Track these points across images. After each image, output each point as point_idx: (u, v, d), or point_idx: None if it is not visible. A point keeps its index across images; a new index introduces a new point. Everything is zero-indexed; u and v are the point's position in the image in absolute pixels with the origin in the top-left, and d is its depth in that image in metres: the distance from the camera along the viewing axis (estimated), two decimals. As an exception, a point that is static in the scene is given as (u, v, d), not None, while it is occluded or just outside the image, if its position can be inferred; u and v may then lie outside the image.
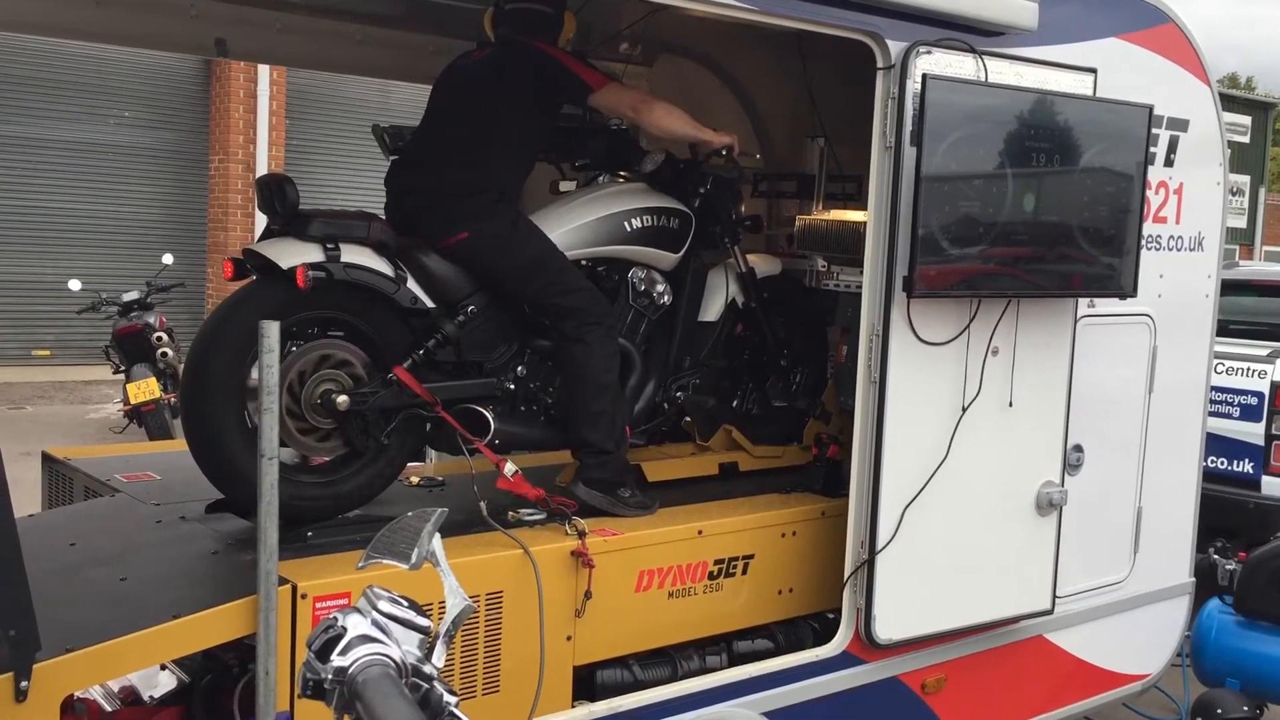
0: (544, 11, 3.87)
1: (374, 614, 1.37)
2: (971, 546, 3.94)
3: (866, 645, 3.77)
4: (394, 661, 1.33)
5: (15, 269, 12.76)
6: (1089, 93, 3.90)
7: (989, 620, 4.05)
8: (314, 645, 1.35)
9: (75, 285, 10.43)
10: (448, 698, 1.36)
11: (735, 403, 4.59)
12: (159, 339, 9.79)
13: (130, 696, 3.31)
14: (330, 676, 1.32)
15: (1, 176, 12.56)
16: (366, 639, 1.34)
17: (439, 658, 1.40)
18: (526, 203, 3.98)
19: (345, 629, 1.36)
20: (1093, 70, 3.91)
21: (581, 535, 3.40)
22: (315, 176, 13.70)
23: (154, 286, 10.37)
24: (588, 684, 3.47)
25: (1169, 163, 4.47)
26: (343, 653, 1.33)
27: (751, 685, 3.62)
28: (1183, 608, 4.92)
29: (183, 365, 3.53)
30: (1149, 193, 4.20)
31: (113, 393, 11.35)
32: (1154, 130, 4.14)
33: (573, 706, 3.37)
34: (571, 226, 3.89)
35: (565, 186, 4.40)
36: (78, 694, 3.01)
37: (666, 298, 4.11)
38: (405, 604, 1.40)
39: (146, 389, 9.38)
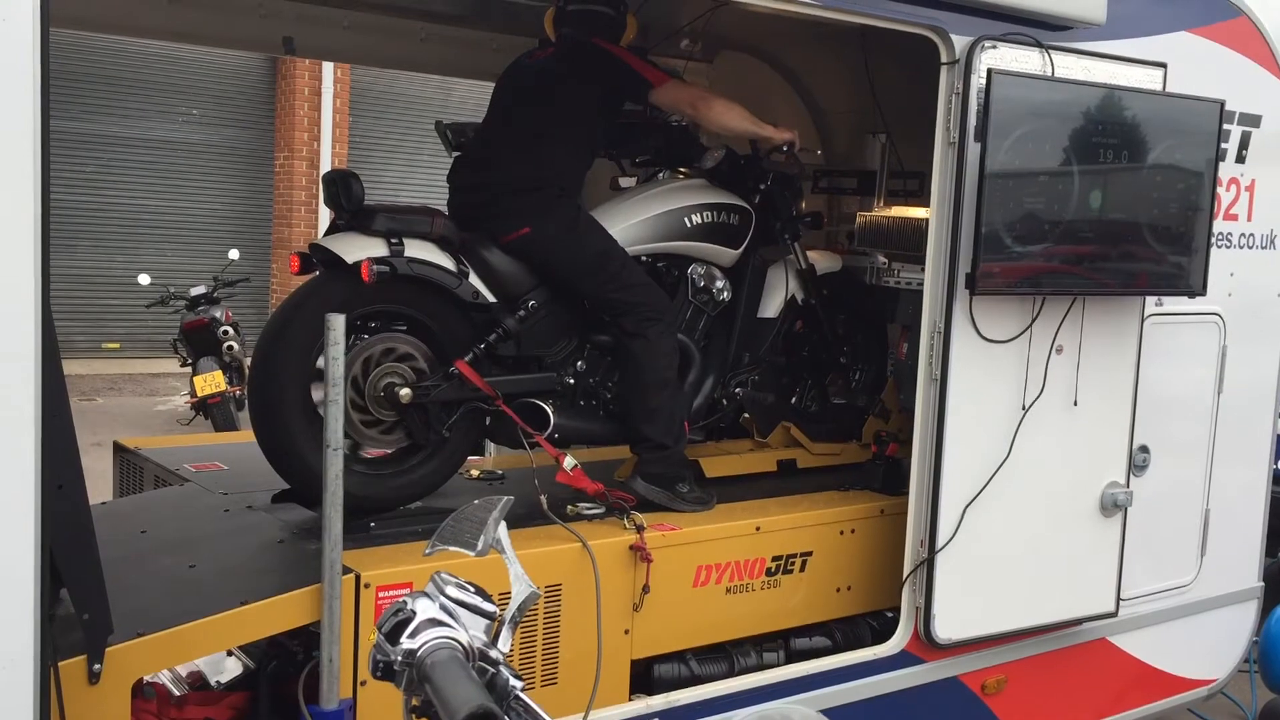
0: (605, 12, 3.89)
1: (442, 599, 1.40)
2: (1034, 547, 3.89)
3: (926, 644, 3.74)
4: (461, 645, 1.35)
5: (86, 264, 13.04)
6: (1158, 88, 3.83)
7: (1051, 622, 4.00)
8: (384, 628, 1.38)
9: (144, 280, 10.64)
10: (514, 682, 1.38)
11: (794, 399, 4.58)
12: (225, 333, 9.95)
13: (198, 681, 3.37)
14: (399, 658, 1.35)
15: (73, 173, 12.83)
16: (435, 623, 1.37)
17: (505, 643, 1.42)
18: (587, 199, 4.01)
19: (414, 612, 1.38)
20: (1162, 65, 3.84)
21: (640, 530, 3.41)
22: (378, 173, 13.85)
23: (220, 281, 10.54)
24: (645, 678, 3.48)
25: (1240, 159, 4.38)
26: (412, 635, 1.36)
27: (809, 682, 3.61)
28: (1251, 612, 4.83)
29: (249, 358, 3.60)
30: (1219, 189, 4.13)
31: (180, 385, 11.56)
32: (1225, 126, 4.06)
33: (630, 699, 3.39)
34: (632, 222, 3.90)
35: (626, 183, 4.41)
36: (147, 678, 3.08)
37: (726, 294, 4.11)
38: (472, 590, 1.42)
39: (213, 382, 9.55)
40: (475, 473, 4.05)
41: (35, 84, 2.15)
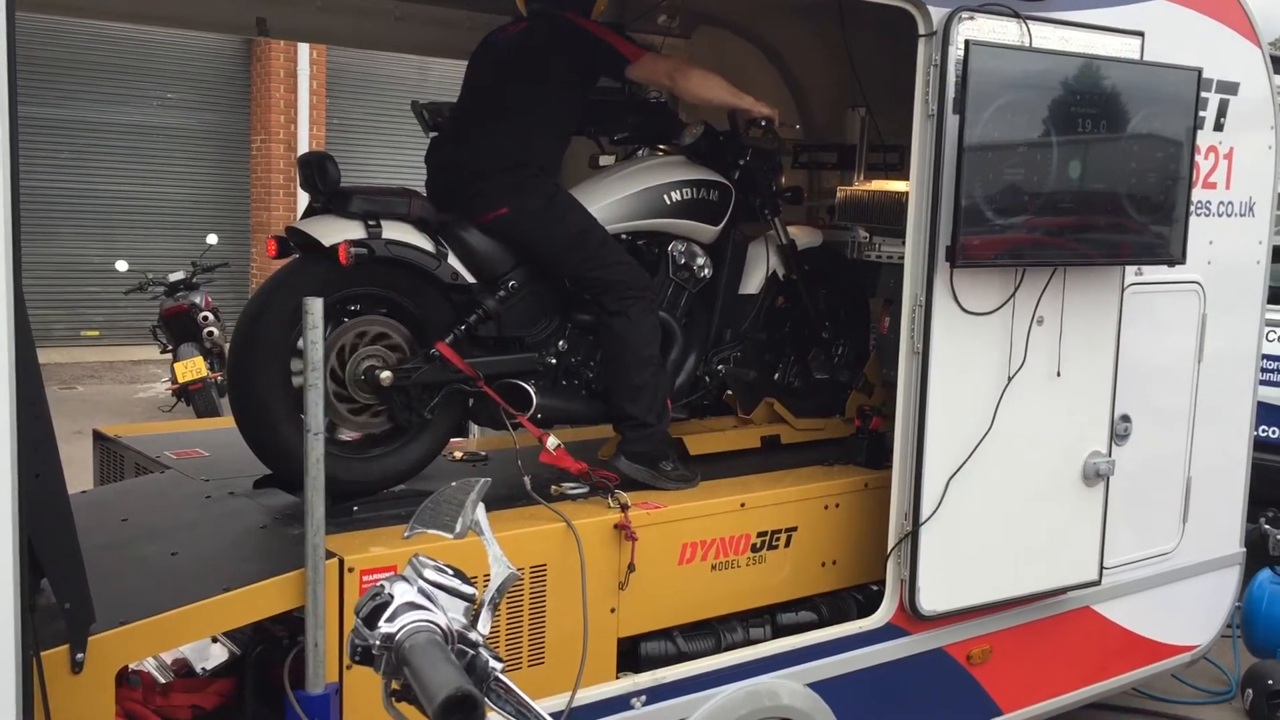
0: (577, -14, 3.85)
1: (420, 582, 1.39)
2: (1017, 517, 3.91)
3: (911, 617, 3.76)
4: (440, 628, 1.35)
5: (63, 251, 12.94)
6: (1136, 56, 3.83)
7: (1035, 591, 4.02)
8: (362, 612, 1.37)
9: (122, 266, 10.56)
10: (493, 664, 1.37)
11: (777, 375, 4.58)
12: (205, 318, 9.90)
13: (183, 668, 3.36)
14: (378, 642, 1.34)
15: (48, 159, 12.72)
16: (413, 606, 1.36)
17: (484, 625, 1.42)
18: (566, 177, 3.98)
19: (392, 596, 1.37)
20: (1140, 33, 3.84)
21: (624, 508, 3.41)
22: (356, 155, 13.77)
23: (199, 266, 10.48)
24: (632, 656, 3.49)
25: (1219, 127, 4.38)
26: (390, 619, 1.35)
27: (795, 657, 3.62)
28: (1233, 578, 4.87)
29: (229, 343, 3.57)
30: (1198, 157, 4.13)
31: (160, 372, 11.51)
32: (1203, 94, 4.06)
33: (617, 677, 3.39)
34: (611, 200, 3.88)
35: (604, 161, 4.39)
36: (132, 666, 3.07)
37: (707, 270, 4.10)
38: (450, 572, 1.41)
39: (193, 368, 9.50)
40: (458, 455, 4.04)
41: (2, 68, 2.11)
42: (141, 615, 2.72)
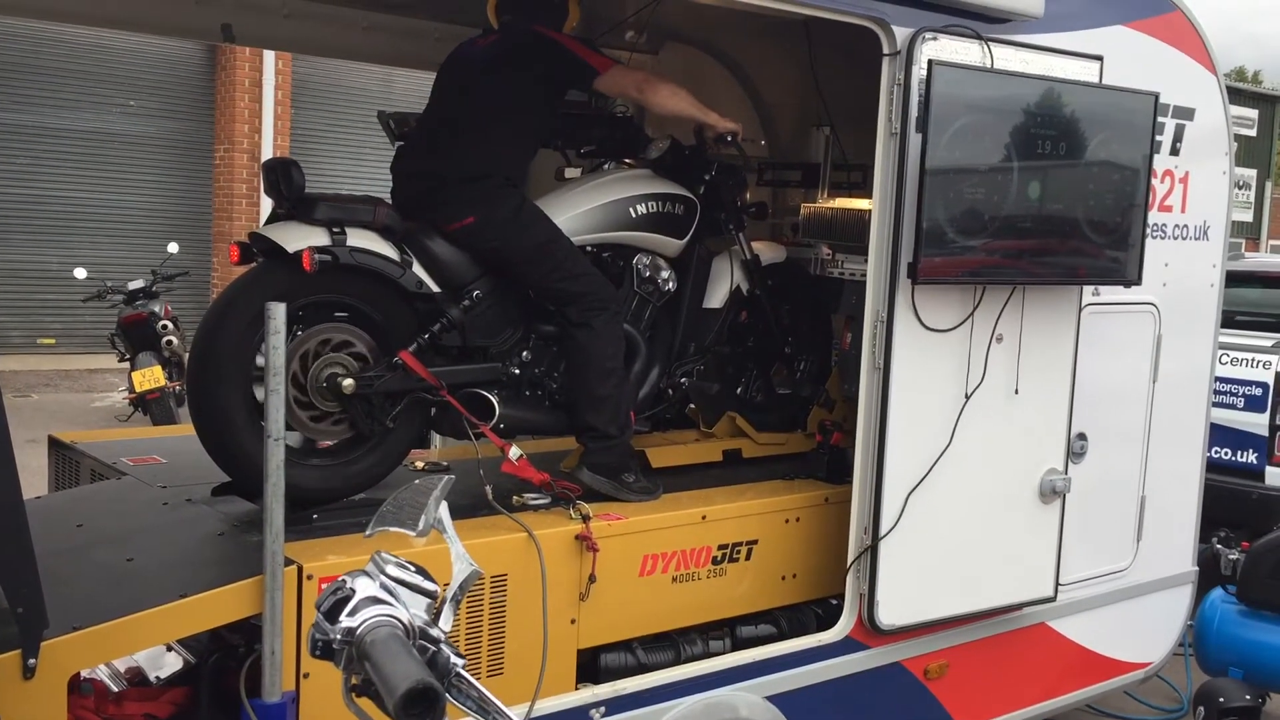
0: (547, -1, 3.87)
1: (382, 577, 1.39)
2: (975, 533, 3.95)
3: (869, 631, 3.78)
4: (402, 623, 1.35)
5: (21, 257, 12.78)
6: (1095, 80, 3.90)
7: (992, 607, 4.06)
8: (323, 606, 1.37)
9: (80, 274, 10.46)
10: (455, 659, 1.37)
11: (739, 389, 4.60)
12: (164, 327, 9.81)
13: (136, 677, 3.32)
14: (339, 637, 1.34)
15: (6, 165, 12.57)
16: (375, 601, 1.36)
17: (446, 622, 1.42)
18: (532, 189, 3.99)
19: (354, 591, 1.37)
20: (1099, 58, 3.91)
21: (586, 519, 3.41)
22: (320, 164, 13.72)
23: (159, 275, 10.39)
24: (591, 667, 3.49)
25: (1175, 151, 4.46)
26: (351, 614, 1.35)
27: (754, 670, 3.63)
28: (1185, 597, 4.93)
29: (189, 353, 3.54)
30: (1154, 181, 4.20)
31: (118, 381, 11.37)
32: (1160, 118, 4.14)
33: (576, 689, 3.38)
34: (577, 212, 3.89)
35: (571, 173, 4.40)
36: (84, 673, 3.03)
37: (671, 284, 4.11)
38: (413, 569, 1.41)
39: (151, 377, 9.41)
40: (420, 464, 4.03)
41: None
42: (96, 621, 2.68)
